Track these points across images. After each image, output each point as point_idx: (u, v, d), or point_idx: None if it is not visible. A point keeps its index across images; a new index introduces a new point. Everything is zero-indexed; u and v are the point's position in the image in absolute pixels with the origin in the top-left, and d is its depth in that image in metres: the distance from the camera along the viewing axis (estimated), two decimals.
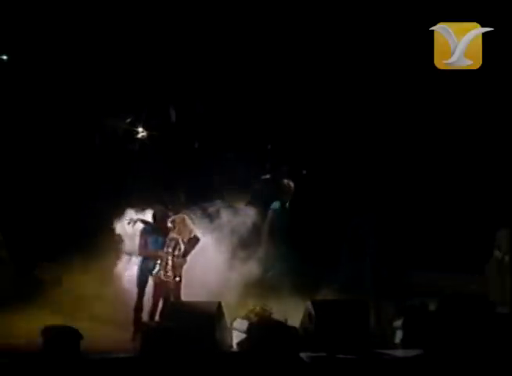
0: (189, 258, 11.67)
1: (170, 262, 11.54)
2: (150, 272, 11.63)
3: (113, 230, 12.33)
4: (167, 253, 11.56)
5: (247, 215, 12.53)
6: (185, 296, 11.59)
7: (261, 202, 12.97)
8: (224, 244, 12.19)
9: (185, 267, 11.60)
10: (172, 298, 11.51)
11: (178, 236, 11.63)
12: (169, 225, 11.70)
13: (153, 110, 14.04)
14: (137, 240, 11.84)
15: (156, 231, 11.80)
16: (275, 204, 13.07)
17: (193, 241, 11.72)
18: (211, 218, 12.31)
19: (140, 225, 11.94)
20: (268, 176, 13.78)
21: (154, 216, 11.92)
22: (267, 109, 13.85)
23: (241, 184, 13.11)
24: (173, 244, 11.60)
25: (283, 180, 13.15)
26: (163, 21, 13.67)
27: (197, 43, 13.68)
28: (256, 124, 13.91)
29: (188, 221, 11.81)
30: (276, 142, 13.99)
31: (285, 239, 12.85)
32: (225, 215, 12.39)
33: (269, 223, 12.92)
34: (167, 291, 11.56)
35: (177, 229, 11.66)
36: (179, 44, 13.76)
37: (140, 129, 14.12)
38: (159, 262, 11.55)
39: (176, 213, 11.96)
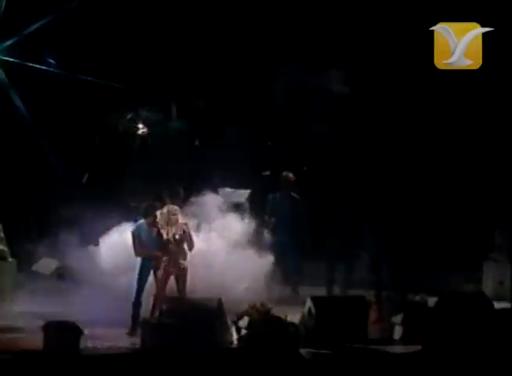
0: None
1: (173, 259, 11.55)
2: (154, 270, 11.62)
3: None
4: (169, 251, 11.54)
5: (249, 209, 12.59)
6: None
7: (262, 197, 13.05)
8: (225, 237, 12.23)
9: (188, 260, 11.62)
10: (177, 293, 11.50)
11: (174, 232, 11.59)
12: (160, 220, 11.63)
13: (154, 107, 14.06)
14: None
15: (146, 227, 11.77)
16: (271, 195, 13.11)
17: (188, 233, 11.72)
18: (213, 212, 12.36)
19: (130, 228, 11.94)
20: (268, 172, 13.79)
21: (143, 212, 11.87)
22: (267, 106, 13.86)
23: (241, 180, 13.09)
24: (171, 240, 11.57)
25: (282, 172, 13.16)
26: (163, 18, 13.66)
27: (197, 40, 13.67)
28: (256, 121, 13.92)
29: (179, 213, 11.75)
30: (277, 139, 14.00)
31: (286, 230, 12.92)
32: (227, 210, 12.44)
33: (268, 214, 12.99)
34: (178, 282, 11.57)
35: (171, 222, 11.58)
36: (179, 41, 13.75)
37: (140, 126, 14.13)
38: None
39: (163, 205, 11.91)
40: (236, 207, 12.51)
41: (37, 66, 13.58)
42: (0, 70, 13.47)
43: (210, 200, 12.36)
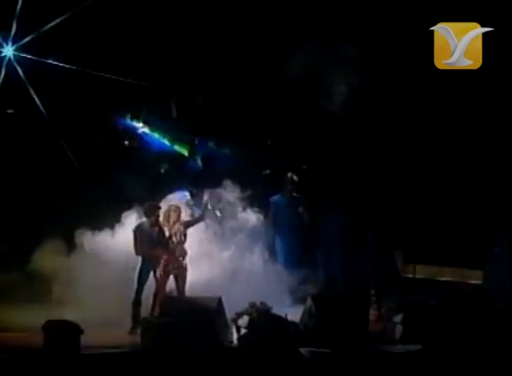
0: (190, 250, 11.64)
1: (173, 258, 11.52)
2: (154, 270, 11.57)
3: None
4: (170, 250, 11.50)
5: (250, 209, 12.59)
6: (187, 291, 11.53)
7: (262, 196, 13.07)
8: (228, 237, 12.20)
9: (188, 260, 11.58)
10: (176, 292, 11.47)
11: (175, 230, 11.54)
12: (161, 219, 11.58)
13: (154, 105, 14.02)
14: None
15: (148, 226, 11.72)
16: (275, 197, 13.12)
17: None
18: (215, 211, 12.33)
19: (132, 225, 11.90)
20: (268, 171, 13.79)
21: (145, 212, 11.84)
22: (268, 104, 13.83)
23: (242, 179, 13.06)
24: (172, 239, 11.53)
25: (286, 174, 13.19)
26: (162, 16, 13.62)
27: (197, 38, 13.63)
28: (256, 120, 13.88)
29: (182, 214, 11.69)
30: (277, 138, 13.97)
31: (289, 231, 12.89)
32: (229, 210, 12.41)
33: (271, 216, 12.95)
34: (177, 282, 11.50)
35: (171, 221, 11.54)
36: (179, 39, 13.71)
37: (140, 124, 14.09)
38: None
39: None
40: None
41: (38, 65, 13.56)
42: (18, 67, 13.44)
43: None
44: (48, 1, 13.40)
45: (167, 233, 11.48)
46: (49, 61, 13.61)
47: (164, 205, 11.73)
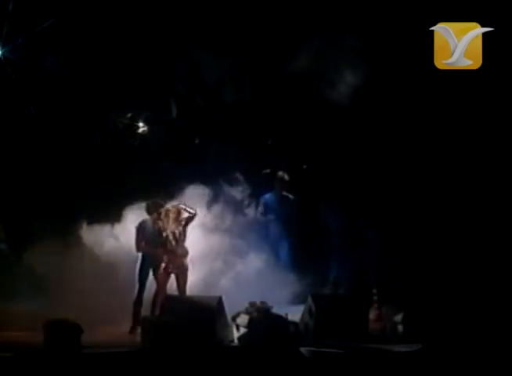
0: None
1: (174, 257, 11.50)
2: (154, 269, 11.56)
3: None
4: (170, 250, 11.49)
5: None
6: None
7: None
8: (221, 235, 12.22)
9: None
10: (177, 291, 11.45)
11: (174, 230, 11.53)
12: (162, 216, 11.57)
13: (154, 105, 14.01)
14: None
15: (151, 224, 11.70)
16: (266, 196, 13.24)
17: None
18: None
19: (136, 222, 11.88)
20: (268, 171, 13.81)
21: (148, 209, 11.82)
22: (268, 103, 13.82)
23: (242, 178, 13.08)
24: (172, 238, 11.52)
25: (278, 172, 13.33)
26: (162, 15, 13.61)
27: (197, 38, 13.63)
28: (257, 119, 13.88)
29: (182, 212, 11.68)
30: (277, 137, 13.97)
31: (281, 229, 12.99)
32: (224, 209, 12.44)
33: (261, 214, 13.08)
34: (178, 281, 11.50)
35: (171, 219, 11.53)
36: (179, 38, 13.71)
37: (141, 124, 14.09)
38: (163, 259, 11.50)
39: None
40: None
41: (38, 64, 13.55)
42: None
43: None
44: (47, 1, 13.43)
45: (165, 232, 11.46)
46: (49, 61, 13.62)
47: (168, 204, 11.72)
